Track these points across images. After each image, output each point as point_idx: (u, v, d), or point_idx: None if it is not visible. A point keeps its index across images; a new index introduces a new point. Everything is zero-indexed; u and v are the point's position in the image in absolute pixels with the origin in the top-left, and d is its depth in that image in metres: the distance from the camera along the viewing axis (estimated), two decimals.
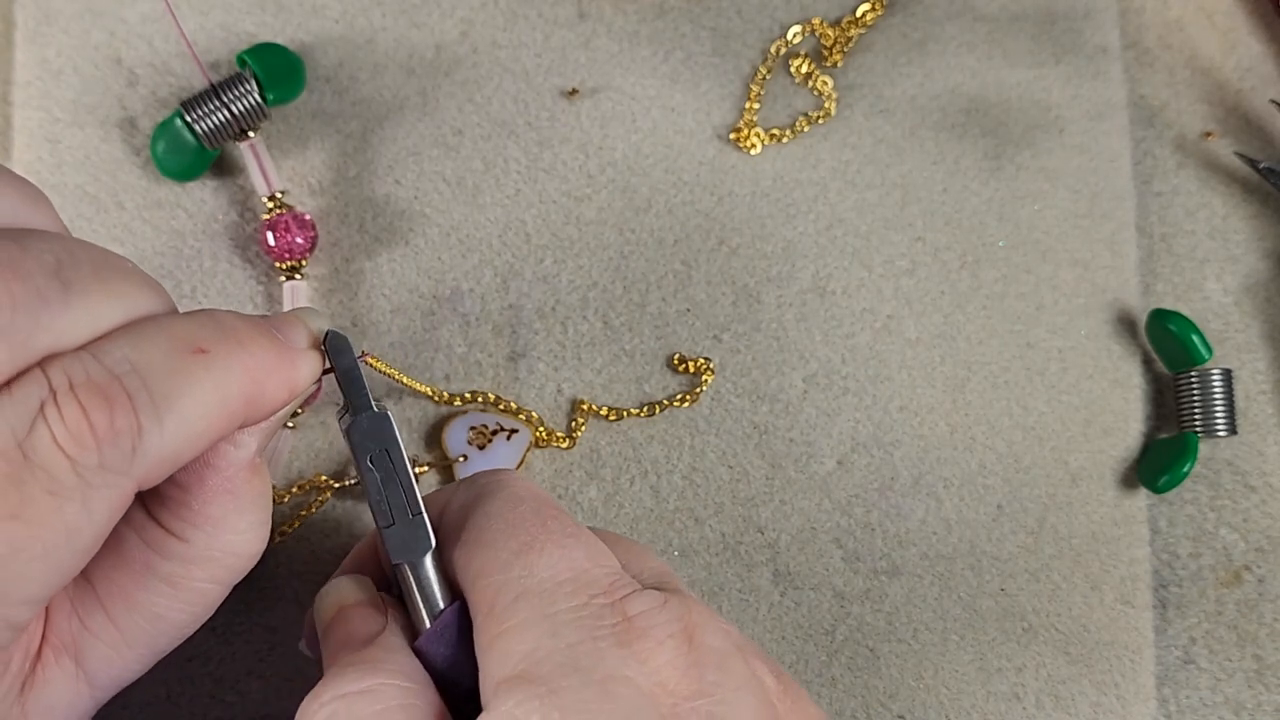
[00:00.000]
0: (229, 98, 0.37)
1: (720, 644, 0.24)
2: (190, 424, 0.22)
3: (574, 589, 0.24)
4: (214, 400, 0.23)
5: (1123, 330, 0.40)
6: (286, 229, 0.37)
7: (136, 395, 0.21)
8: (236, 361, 0.23)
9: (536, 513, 0.26)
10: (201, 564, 0.26)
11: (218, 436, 0.23)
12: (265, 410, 0.24)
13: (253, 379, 0.24)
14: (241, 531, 0.26)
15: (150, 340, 0.22)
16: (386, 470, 0.26)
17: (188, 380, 0.22)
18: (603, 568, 0.25)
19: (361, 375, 0.26)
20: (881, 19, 0.42)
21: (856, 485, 0.39)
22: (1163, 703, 0.39)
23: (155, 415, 0.22)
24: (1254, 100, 0.43)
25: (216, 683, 0.36)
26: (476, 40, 0.40)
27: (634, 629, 0.24)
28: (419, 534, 0.26)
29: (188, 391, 0.22)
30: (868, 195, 0.40)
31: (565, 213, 0.39)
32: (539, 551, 0.25)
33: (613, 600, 0.24)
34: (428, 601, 0.26)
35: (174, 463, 0.22)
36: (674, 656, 0.23)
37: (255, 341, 0.24)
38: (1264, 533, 0.40)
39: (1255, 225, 0.42)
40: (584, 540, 0.26)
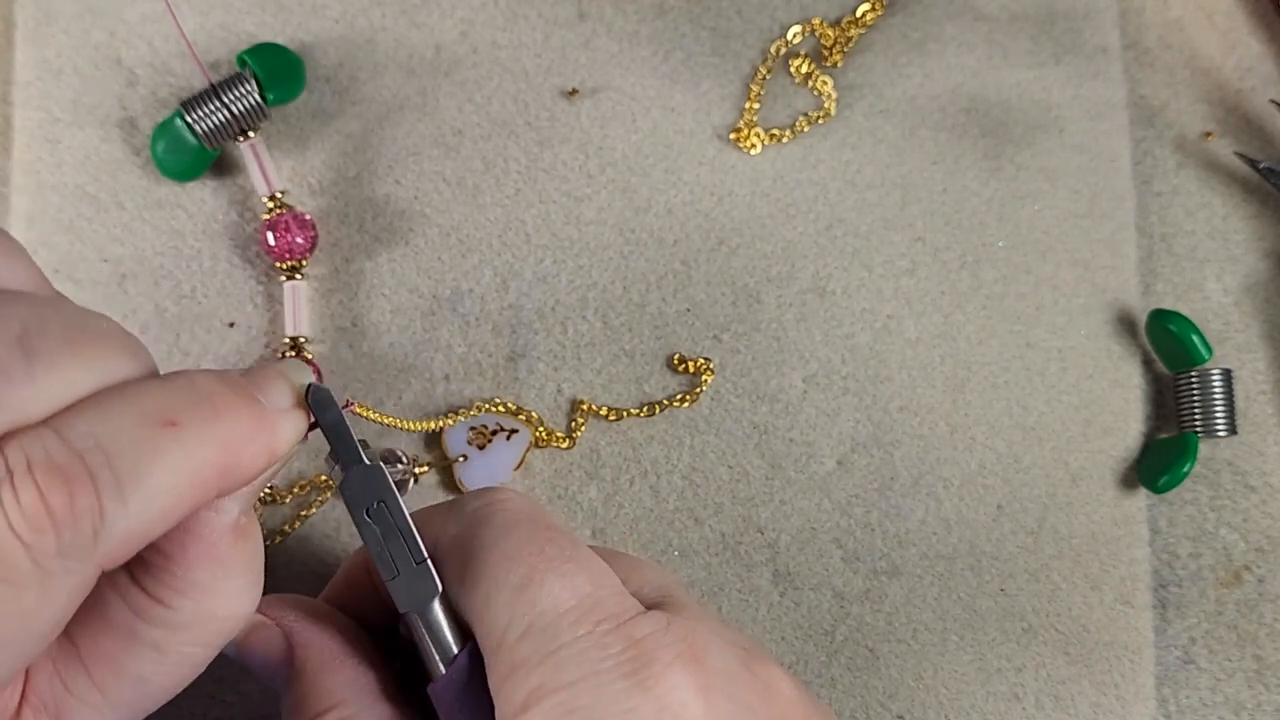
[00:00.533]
0: (229, 98, 0.37)
1: (726, 663, 0.24)
2: (158, 501, 0.21)
3: (577, 617, 0.24)
4: (184, 474, 0.21)
5: (1123, 330, 0.40)
6: (287, 229, 0.37)
7: (99, 474, 0.20)
8: (210, 432, 0.22)
9: (532, 538, 0.25)
10: (189, 630, 0.25)
11: (189, 510, 0.22)
12: (243, 478, 0.23)
13: (227, 449, 0.22)
14: (230, 596, 0.25)
15: (118, 413, 0.21)
16: (385, 522, 0.25)
17: (155, 455, 0.21)
18: (605, 589, 0.25)
19: (348, 428, 0.25)
20: (881, 19, 0.42)
21: (856, 485, 0.39)
22: (1162, 703, 0.39)
23: (119, 495, 0.20)
24: (1254, 100, 0.43)
25: (216, 683, 0.36)
26: (476, 40, 0.40)
27: (640, 655, 0.23)
28: (425, 582, 0.25)
29: (155, 467, 0.21)
30: (868, 195, 0.40)
31: (565, 213, 0.39)
32: (540, 583, 0.24)
33: (616, 625, 0.24)
34: (439, 646, 0.25)
35: (142, 540, 0.21)
36: (681, 680, 0.23)
37: (232, 408, 0.23)
38: (1264, 533, 0.40)
39: (1255, 225, 0.42)
40: (583, 562, 0.25)
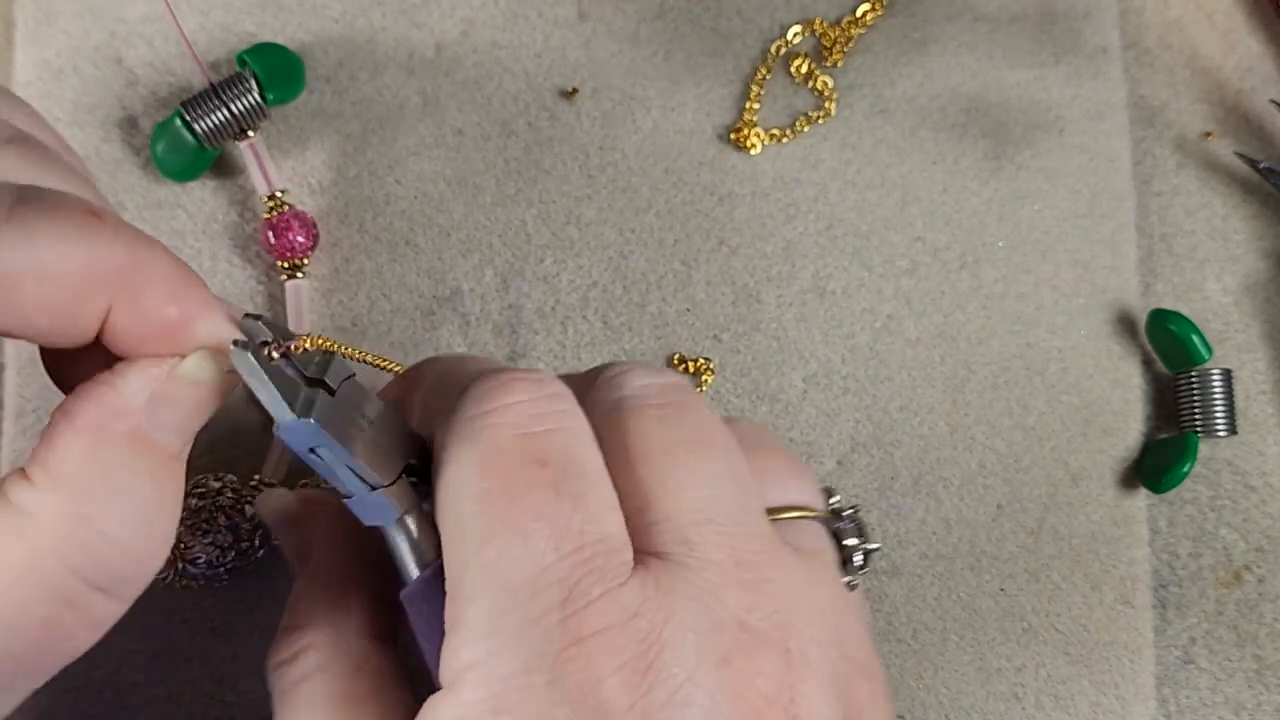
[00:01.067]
0: (229, 97, 0.37)
1: (690, 665, 0.21)
2: (41, 244, 0.20)
3: (527, 597, 0.21)
4: (80, 247, 0.20)
5: (1123, 330, 0.40)
6: (288, 228, 0.37)
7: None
8: (127, 238, 0.21)
9: (511, 475, 0.22)
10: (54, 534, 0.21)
11: (71, 294, 0.21)
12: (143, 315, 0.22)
13: (134, 264, 0.21)
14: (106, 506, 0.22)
15: (55, 176, 0.21)
16: (331, 457, 0.24)
17: (61, 209, 0.21)
18: (573, 556, 0.21)
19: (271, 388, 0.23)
20: (882, 19, 0.42)
21: (856, 485, 0.39)
22: (1162, 703, 0.39)
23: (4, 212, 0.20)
24: (1254, 100, 0.43)
25: (216, 683, 0.36)
26: (477, 40, 0.40)
27: (579, 656, 0.21)
28: (381, 506, 0.24)
29: (53, 213, 0.20)
30: (868, 195, 0.40)
31: (565, 213, 0.39)
32: (495, 543, 0.21)
33: (568, 614, 0.21)
34: (411, 553, 0.24)
35: (10, 283, 0.20)
36: (619, 691, 0.21)
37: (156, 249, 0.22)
38: (1264, 533, 0.40)
39: (1255, 225, 0.42)
40: (561, 513, 0.22)
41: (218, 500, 0.35)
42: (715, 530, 0.23)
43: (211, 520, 0.34)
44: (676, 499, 0.23)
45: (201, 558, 0.34)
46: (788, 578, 0.23)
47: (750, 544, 0.23)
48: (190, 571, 0.34)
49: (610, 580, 0.21)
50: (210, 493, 0.35)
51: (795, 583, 0.23)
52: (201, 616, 0.36)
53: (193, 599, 0.36)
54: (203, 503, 0.34)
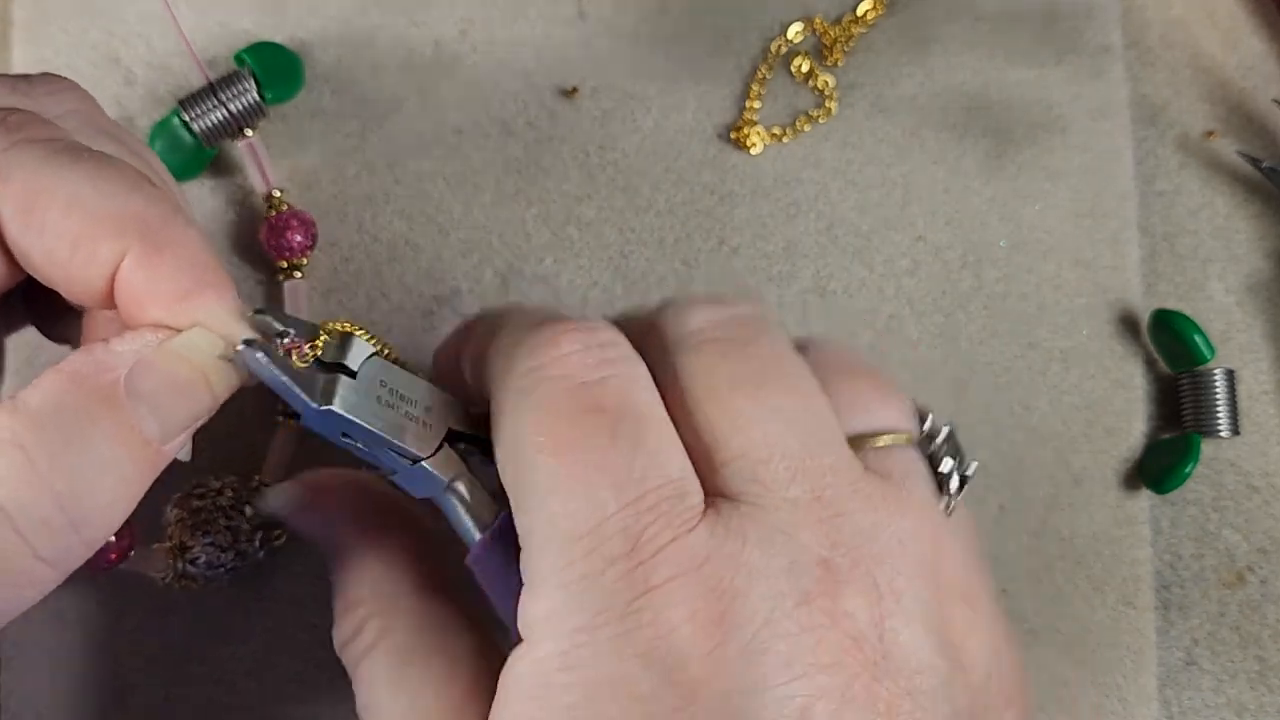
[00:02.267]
0: (227, 96, 0.37)
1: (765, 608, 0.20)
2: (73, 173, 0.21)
3: (590, 548, 0.21)
4: (115, 190, 0.22)
5: (1125, 330, 0.40)
6: (286, 227, 0.37)
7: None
8: (167, 207, 0.22)
9: (572, 424, 0.21)
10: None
11: (85, 229, 0.22)
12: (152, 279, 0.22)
13: (164, 222, 0.22)
14: (63, 457, 0.21)
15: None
16: (364, 437, 0.24)
17: (106, 160, 0.22)
18: (636, 505, 0.21)
19: (286, 381, 0.23)
20: (883, 18, 0.42)
21: None
22: (1165, 704, 0.39)
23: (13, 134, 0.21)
24: (1256, 99, 0.43)
25: (216, 684, 0.36)
26: (476, 39, 0.40)
27: (648, 608, 0.20)
28: (427, 477, 0.24)
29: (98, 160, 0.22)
30: (869, 195, 0.40)
31: (565, 212, 0.39)
32: (560, 498, 0.21)
33: (633, 565, 0.20)
34: (473, 517, 0.24)
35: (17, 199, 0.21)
36: (695, 634, 0.20)
37: (195, 233, 0.23)
38: (1267, 534, 0.40)
39: (1258, 225, 0.42)
40: (620, 461, 0.21)
41: (218, 500, 0.34)
42: (788, 466, 0.22)
43: (211, 521, 0.34)
44: (746, 436, 0.22)
45: (201, 558, 0.34)
46: (872, 508, 0.22)
47: (827, 477, 0.22)
48: (189, 572, 0.34)
49: (679, 526, 0.21)
50: (210, 492, 0.35)
51: (881, 513, 0.22)
52: (201, 617, 0.36)
53: (192, 599, 0.36)
54: (202, 503, 0.34)
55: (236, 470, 0.36)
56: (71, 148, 0.23)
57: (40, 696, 0.36)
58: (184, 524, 0.34)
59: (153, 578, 0.34)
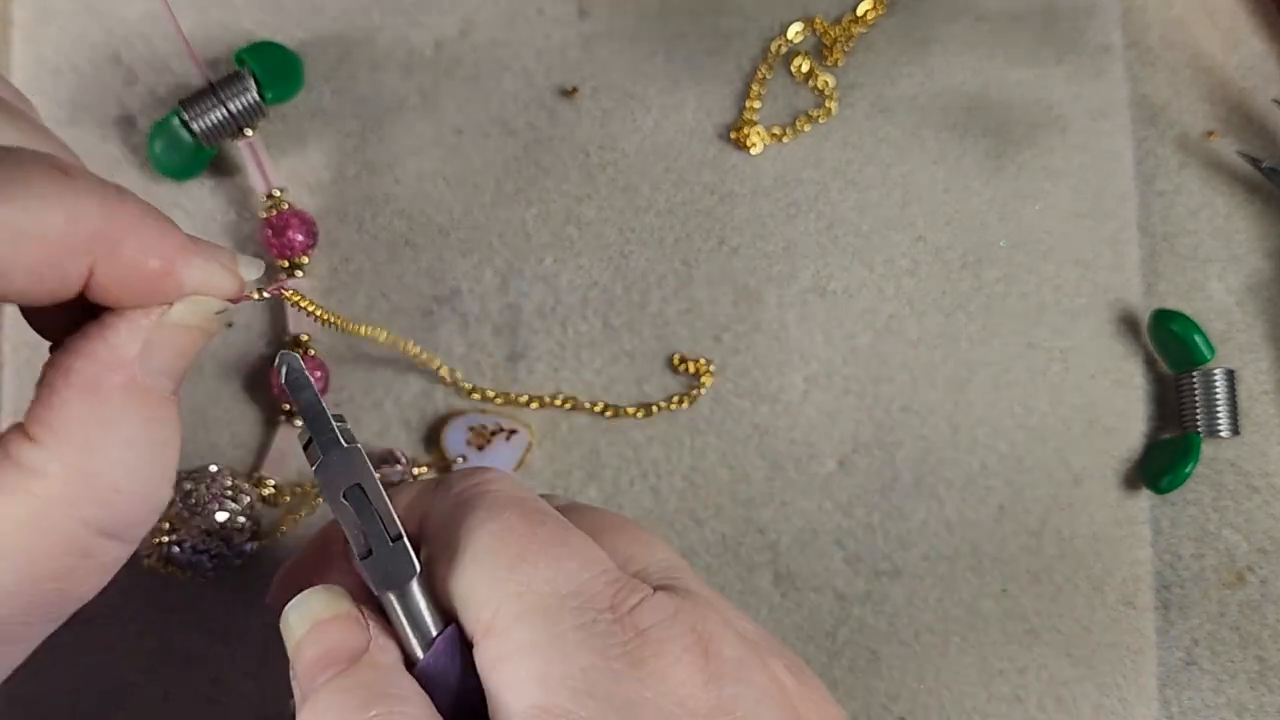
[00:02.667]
0: (227, 96, 0.37)
1: (736, 652, 0.23)
2: (19, 206, 0.20)
3: (578, 604, 0.23)
4: (55, 204, 0.21)
5: (1125, 330, 0.40)
6: (286, 227, 0.37)
7: None
8: (100, 192, 0.22)
9: (524, 518, 0.24)
10: (62, 485, 0.22)
11: (52, 253, 0.21)
12: (125, 268, 0.22)
13: (110, 220, 0.22)
14: (111, 457, 0.22)
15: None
16: (359, 501, 0.24)
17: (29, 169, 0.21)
18: (603, 577, 0.23)
19: (324, 409, 0.24)
20: (883, 17, 0.42)
21: (858, 486, 0.38)
22: (1165, 704, 0.39)
23: None
24: (1256, 99, 0.43)
25: (214, 684, 0.36)
26: (476, 39, 0.40)
27: (647, 645, 0.22)
28: (401, 560, 0.24)
29: (25, 174, 0.21)
30: (869, 194, 0.40)
31: (565, 212, 0.39)
32: (533, 564, 0.23)
33: (619, 615, 0.23)
34: (418, 627, 0.24)
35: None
36: (691, 672, 0.22)
37: (129, 199, 0.22)
38: (1267, 534, 0.40)
39: (1258, 225, 0.42)
40: (578, 546, 0.24)
41: (210, 488, 0.34)
42: (685, 573, 0.26)
43: (201, 506, 0.34)
44: (648, 555, 0.26)
45: (186, 542, 0.34)
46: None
47: (705, 587, 0.26)
48: (173, 555, 0.34)
49: (641, 592, 0.23)
50: (205, 478, 0.34)
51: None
52: (200, 618, 0.36)
53: (191, 600, 0.36)
54: (195, 486, 0.34)
55: (237, 467, 0.36)
56: (4, 162, 0.22)
57: (40, 696, 0.36)
58: (173, 506, 0.34)
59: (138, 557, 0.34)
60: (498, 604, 0.23)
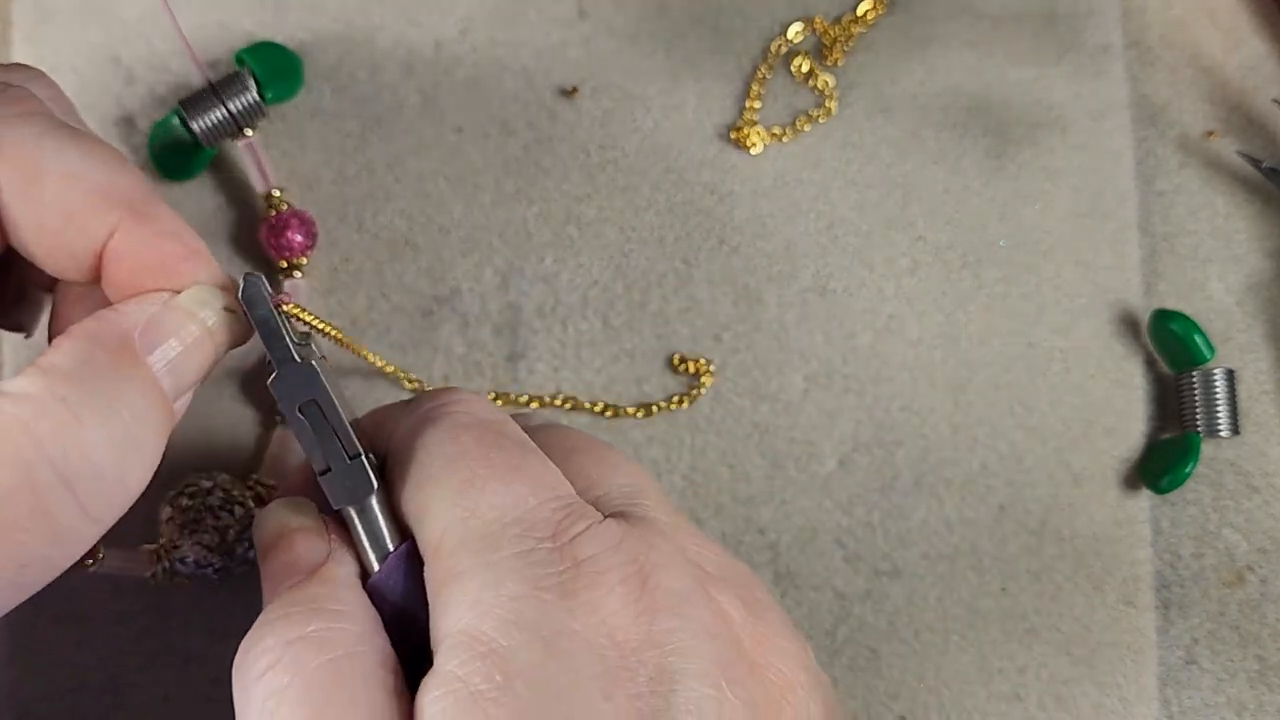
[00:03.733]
0: (227, 96, 0.37)
1: (679, 584, 0.23)
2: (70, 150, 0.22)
3: (519, 532, 0.23)
4: (106, 165, 0.23)
5: (1125, 330, 0.40)
6: (286, 227, 0.37)
7: None
8: (147, 186, 0.23)
9: (479, 441, 0.24)
10: (38, 416, 0.21)
11: (87, 201, 0.23)
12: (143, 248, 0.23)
13: (148, 198, 0.23)
14: (97, 406, 0.22)
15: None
16: (317, 419, 0.24)
17: (95, 139, 0.23)
18: (552, 503, 0.23)
19: (279, 325, 0.24)
20: (883, 17, 0.42)
21: (858, 485, 0.38)
22: (1165, 703, 0.39)
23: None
24: (1257, 99, 0.43)
25: (214, 684, 0.36)
26: (476, 39, 0.40)
27: (581, 575, 0.22)
28: (359, 478, 0.24)
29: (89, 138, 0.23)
30: (869, 194, 0.40)
31: (565, 212, 0.39)
32: (480, 488, 0.23)
33: (560, 544, 0.23)
34: (376, 542, 0.25)
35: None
36: (624, 603, 0.22)
37: (172, 211, 0.24)
38: (1267, 533, 0.40)
39: (1258, 225, 0.42)
40: (532, 471, 0.24)
41: (207, 500, 0.34)
42: (649, 498, 0.25)
43: (199, 520, 0.34)
44: (611, 479, 0.26)
45: (189, 557, 0.34)
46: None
47: (672, 512, 0.26)
48: (179, 570, 0.34)
49: (591, 518, 0.23)
50: (200, 492, 0.34)
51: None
52: (200, 618, 0.36)
53: (191, 600, 0.36)
54: (192, 502, 0.34)
55: (235, 470, 0.36)
56: (64, 125, 0.24)
57: (40, 696, 0.36)
58: (173, 523, 0.34)
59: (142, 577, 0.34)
60: (445, 526, 0.23)
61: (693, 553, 0.24)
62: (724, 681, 0.22)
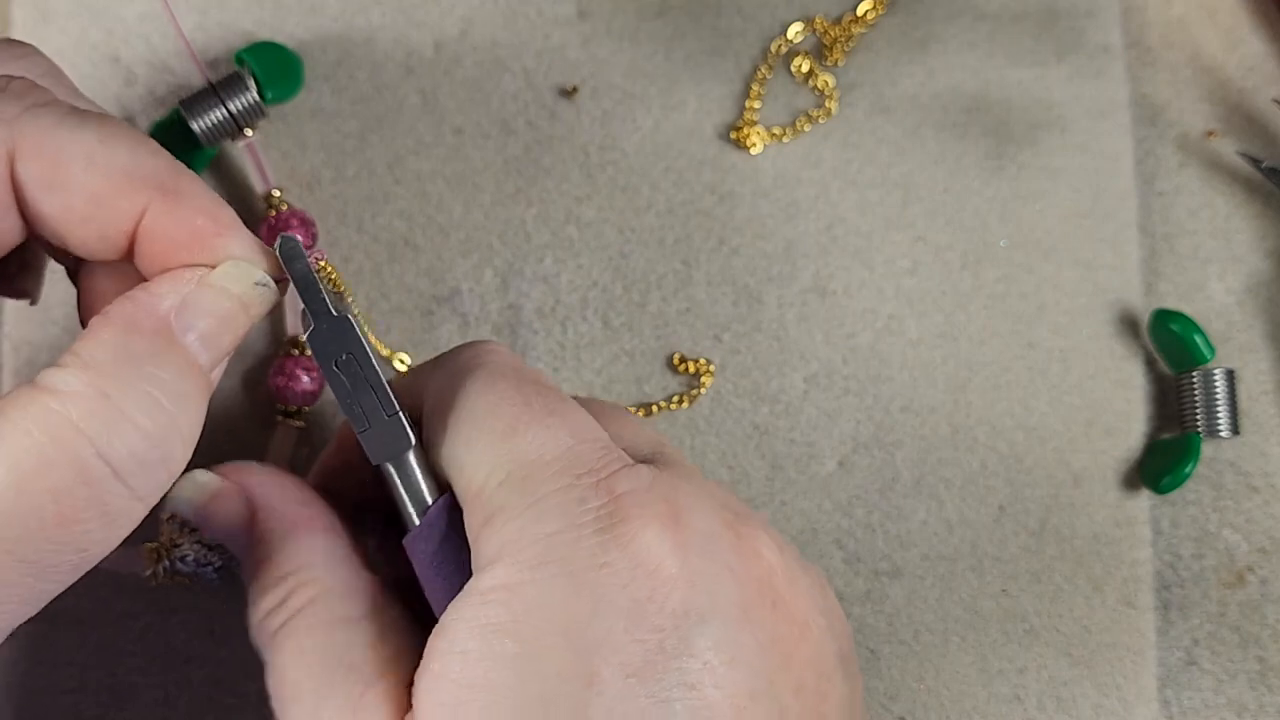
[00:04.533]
0: (227, 96, 0.36)
1: (709, 525, 0.23)
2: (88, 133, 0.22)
3: (559, 469, 0.23)
4: (128, 145, 0.23)
5: (1125, 330, 0.40)
6: (286, 227, 0.37)
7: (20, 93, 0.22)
8: (172, 160, 0.23)
9: (518, 389, 0.25)
10: (81, 411, 0.22)
11: (112, 185, 0.23)
12: (177, 221, 0.23)
13: (175, 174, 0.23)
14: (137, 390, 0.22)
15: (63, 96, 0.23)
16: (354, 374, 0.25)
17: (116, 121, 0.23)
18: (589, 444, 0.24)
19: (316, 279, 0.25)
20: (883, 17, 0.42)
21: (858, 486, 0.38)
22: (1165, 704, 0.39)
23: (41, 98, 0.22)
24: (1256, 99, 0.43)
25: (214, 684, 0.36)
26: (476, 39, 0.40)
27: (619, 510, 0.23)
28: (397, 433, 0.25)
29: (110, 120, 0.23)
30: (869, 194, 0.40)
31: (565, 212, 0.39)
32: (522, 433, 0.24)
33: (598, 480, 0.23)
34: (415, 498, 0.25)
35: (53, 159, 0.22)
36: (656, 538, 0.23)
37: (201, 182, 0.24)
38: (1267, 534, 0.40)
39: (1258, 225, 0.42)
40: (569, 416, 0.25)
41: None
42: (671, 451, 0.27)
43: None
44: (636, 433, 0.27)
45: (189, 555, 0.34)
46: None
47: (690, 465, 0.26)
48: (179, 569, 0.34)
49: (622, 461, 0.24)
50: None
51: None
52: (200, 618, 0.36)
53: (191, 600, 0.36)
54: None
55: None
56: (77, 110, 0.24)
57: (40, 696, 0.36)
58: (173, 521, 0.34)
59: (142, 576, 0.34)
60: (488, 470, 0.24)
61: (720, 496, 0.25)
62: (745, 622, 0.23)
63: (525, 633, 0.22)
